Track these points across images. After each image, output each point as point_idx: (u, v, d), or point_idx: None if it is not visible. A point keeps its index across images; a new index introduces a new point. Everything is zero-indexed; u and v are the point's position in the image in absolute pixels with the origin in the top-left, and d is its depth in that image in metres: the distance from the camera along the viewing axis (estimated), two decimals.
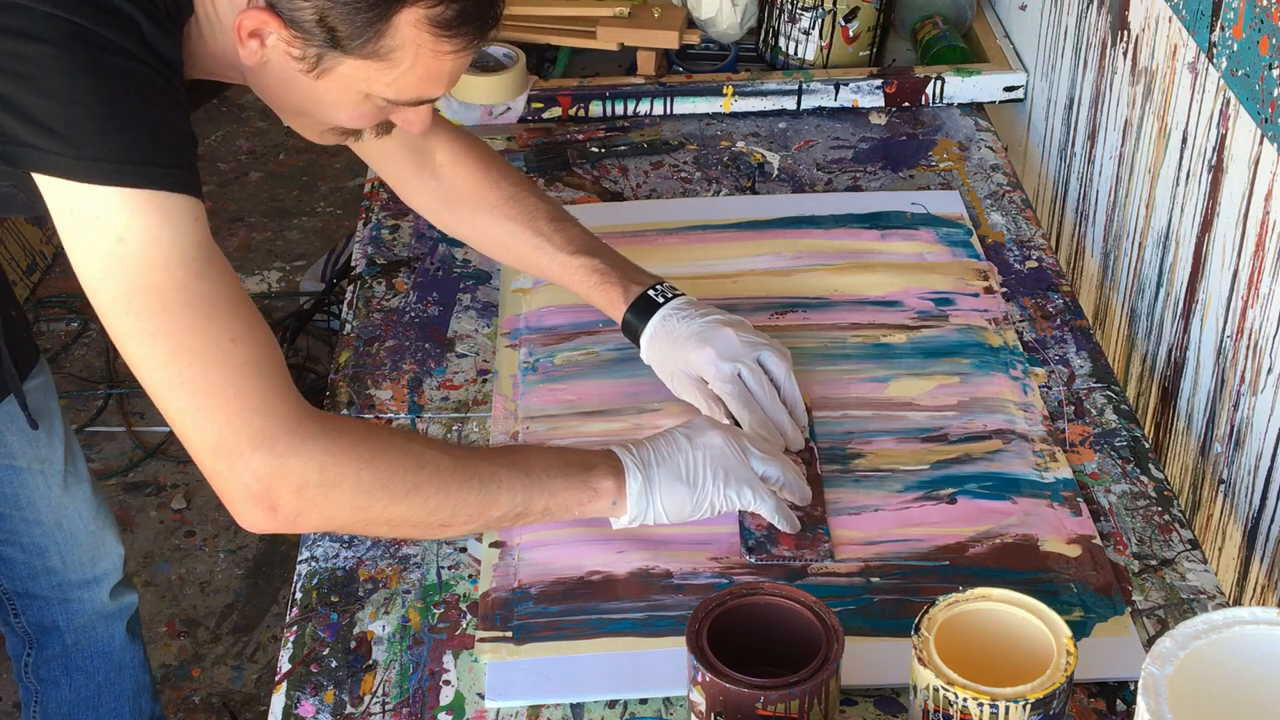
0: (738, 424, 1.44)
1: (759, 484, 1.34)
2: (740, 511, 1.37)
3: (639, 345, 1.52)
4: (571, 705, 1.25)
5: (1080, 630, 1.28)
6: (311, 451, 1.18)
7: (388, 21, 1.18)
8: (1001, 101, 2.07)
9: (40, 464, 1.68)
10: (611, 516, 1.34)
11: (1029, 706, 1.07)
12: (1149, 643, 1.28)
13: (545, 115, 2.02)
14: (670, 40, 2.04)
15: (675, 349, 1.48)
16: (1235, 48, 1.40)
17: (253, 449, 1.16)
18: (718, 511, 1.34)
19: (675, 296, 1.52)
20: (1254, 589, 1.45)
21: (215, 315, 1.16)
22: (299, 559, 1.40)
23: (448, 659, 1.29)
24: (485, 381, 1.58)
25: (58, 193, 1.13)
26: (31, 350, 1.67)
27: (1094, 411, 1.54)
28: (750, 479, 1.34)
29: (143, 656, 1.92)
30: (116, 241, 1.13)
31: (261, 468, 1.17)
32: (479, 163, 1.56)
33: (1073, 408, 1.54)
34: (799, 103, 2.04)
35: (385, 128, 1.34)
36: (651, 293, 1.52)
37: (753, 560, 1.35)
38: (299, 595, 1.37)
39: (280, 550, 2.65)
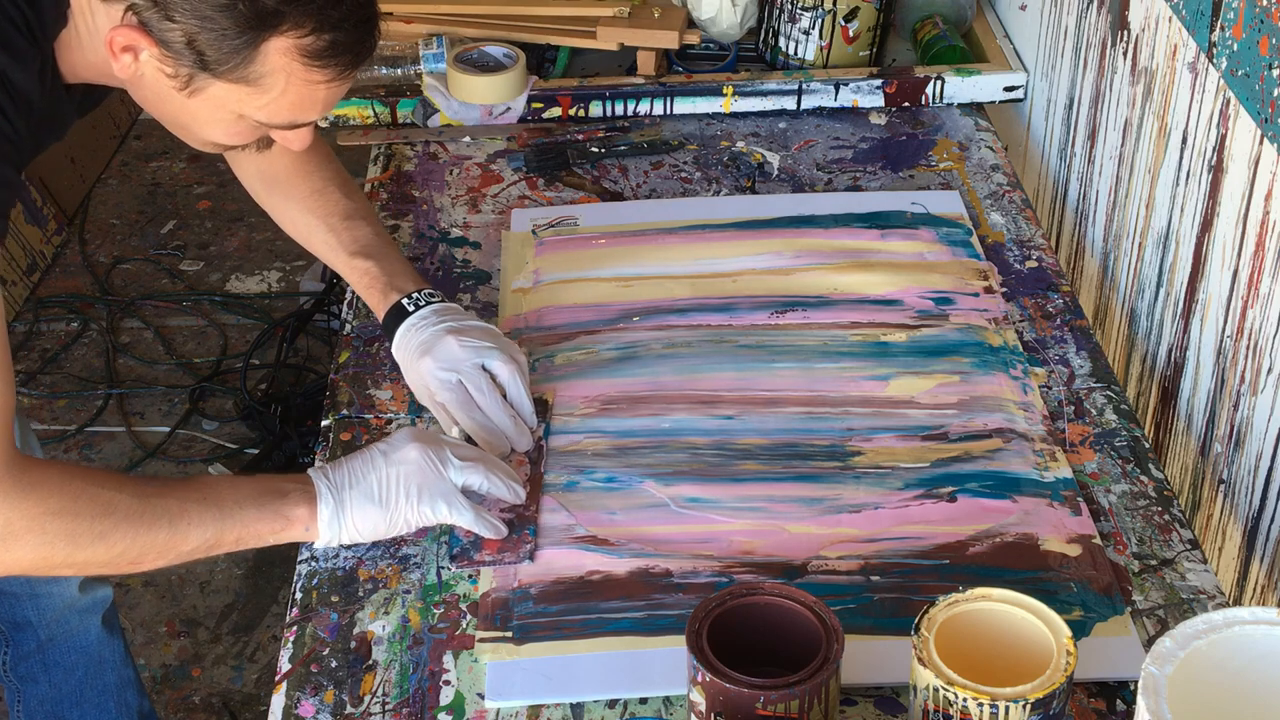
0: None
1: (456, 496, 1.35)
2: None
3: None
4: (571, 705, 1.25)
5: (1080, 630, 1.28)
6: None
7: (256, 49, 1.19)
8: (1001, 101, 2.07)
9: None
10: (308, 541, 1.35)
11: (1029, 706, 1.07)
12: (1149, 643, 1.28)
13: (545, 115, 2.03)
14: (670, 40, 2.04)
15: (410, 359, 1.50)
16: (1235, 48, 1.40)
17: None
18: (414, 528, 1.36)
19: (428, 305, 1.51)
20: (1254, 589, 1.45)
21: None
22: (299, 559, 1.40)
23: (448, 659, 1.29)
24: None
25: None
26: None
27: (1094, 411, 1.54)
28: (447, 492, 1.34)
29: (124, 650, 1.92)
30: None
31: None
32: (302, 153, 1.57)
33: (1073, 408, 1.54)
34: (799, 103, 2.04)
35: (265, 143, 1.36)
36: (405, 300, 1.52)
37: (454, 568, 1.36)
38: (299, 595, 1.37)
39: (280, 550, 2.64)
